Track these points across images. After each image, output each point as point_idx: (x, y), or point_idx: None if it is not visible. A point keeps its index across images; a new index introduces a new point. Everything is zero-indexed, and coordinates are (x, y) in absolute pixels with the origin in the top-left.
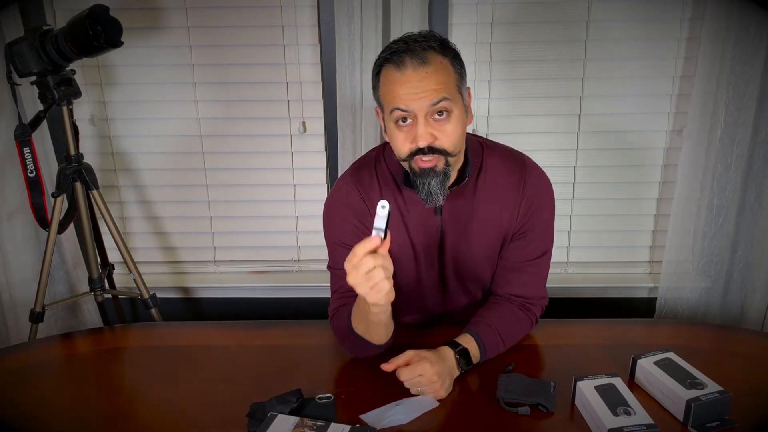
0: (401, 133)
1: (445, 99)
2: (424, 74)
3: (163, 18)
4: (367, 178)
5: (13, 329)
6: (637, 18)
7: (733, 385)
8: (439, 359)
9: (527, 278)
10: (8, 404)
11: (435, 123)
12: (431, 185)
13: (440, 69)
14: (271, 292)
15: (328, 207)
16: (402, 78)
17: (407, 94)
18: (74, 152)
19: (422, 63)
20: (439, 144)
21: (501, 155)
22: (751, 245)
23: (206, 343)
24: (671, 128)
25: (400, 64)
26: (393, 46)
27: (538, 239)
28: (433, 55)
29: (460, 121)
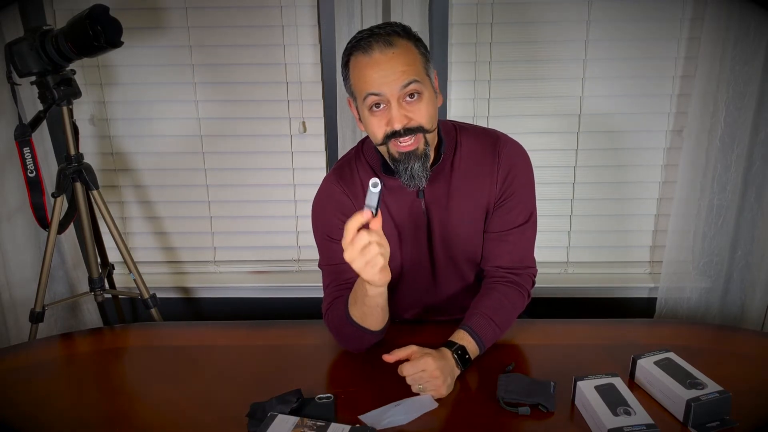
0: (375, 118)
1: (415, 81)
2: (391, 55)
3: (163, 18)
4: (348, 174)
5: (13, 329)
6: (637, 18)
7: (733, 385)
8: (440, 356)
9: (512, 246)
10: (8, 404)
11: (407, 105)
12: (414, 168)
13: (406, 51)
14: (271, 292)
15: (314, 206)
16: (370, 61)
17: (378, 77)
18: (74, 152)
19: (388, 45)
20: (414, 123)
21: (474, 132)
22: (751, 245)
23: (206, 343)
24: (671, 128)
25: (368, 48)
26: (358, 35)
27: (519, 205)
28: (397, 38)
29: (431, 101)
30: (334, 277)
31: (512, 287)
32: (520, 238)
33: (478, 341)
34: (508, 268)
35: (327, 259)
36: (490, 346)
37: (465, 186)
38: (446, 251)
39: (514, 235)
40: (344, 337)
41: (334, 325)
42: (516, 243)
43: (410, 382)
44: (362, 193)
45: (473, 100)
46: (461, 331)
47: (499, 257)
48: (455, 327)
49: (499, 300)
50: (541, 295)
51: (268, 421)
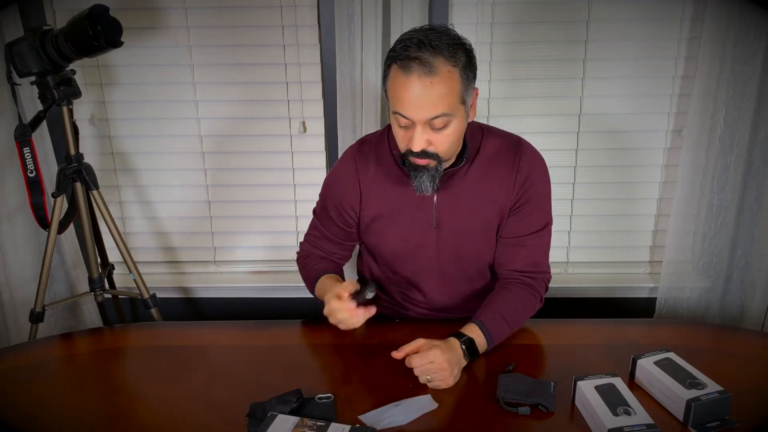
0: (401, 131)
1: (444, 115)
2: (429, 84)
3: (163, 18)
4: (366, 154)
5: (13, 329)
6: (637, 18)
7: (733, 385)
8: (448, 348)
9: (527, 252)
10: (8, 404)
11: (432, 131)
12: (422, 179)
13: (446, 80)
14: (271, 292)
15: (330, 173)
16: (407, 83)
17: (409, 103)
18: (74, 152)
19: (428, 73)
20: (432, 149)
21: (499, 136)
22: (751, 245)
23: (206, 343)
24: (671, 128)
25: (407, 69)
26: (407, 44)
27: (536, 212)
28: (442, 63)
29: (458, 127)
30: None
31: (526, 289)
32: (536, 244)
33: (487, 336)
34: (523, 272)
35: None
36: (498, 343)
37: (481, 187)
38: (454, 249)
39: (530, 240)
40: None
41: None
42: (532, 248)
43: (418, 373)
44: (372, 174)
45: None
46: (472, 325)
47: (515, 261)
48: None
49: (512, 299)
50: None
51: (268, 421)
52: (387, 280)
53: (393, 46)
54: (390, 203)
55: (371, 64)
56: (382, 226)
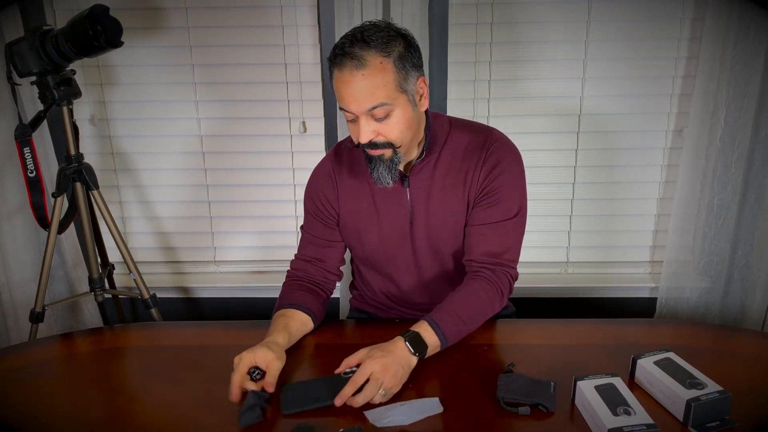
0: (350, 125)
1: (381, 105)
2: (360, 77)
3: (163, 18)
4: (341, 154)
5: (13, 329)
6: (637, 18)
7: (733, 385)
8: (384, 353)
9: (487, 241)
10: (8, 404)
11: (376, 121)
12: (379, 171)
13: (378, 71)
14: (271, 292)
15: (310, 176)
16: (342, 78)
17: (347, 97)
18: (74, 152)
19: (359, 66)
20: (381, 139)
21: (469, 129)
22: (751, 245)
23: (206, 343)
24: (671, 128)
25: (341, 65)
26: (342, 42)
27: (500, 203)
28: (373, 56)
29: (403, 117)
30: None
31: (486, 283)
32: (497, 234)
33: (438, 333)
34: (481, 263)
35: (304, 226)
36: (455, 341)
37: (449, 179)
38: (428, 241)
39: (489, 229)
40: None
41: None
42: (492, 238)
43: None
44: (347, 173)
45: (473, 100)
46: (423, 322)
47: (473, 251)
48: None
49: (469, 295)
50: (541, 295)
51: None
52: (371, 279)
53: (334, 45)
54: (365, 200)
55: None
56: (360, 224)
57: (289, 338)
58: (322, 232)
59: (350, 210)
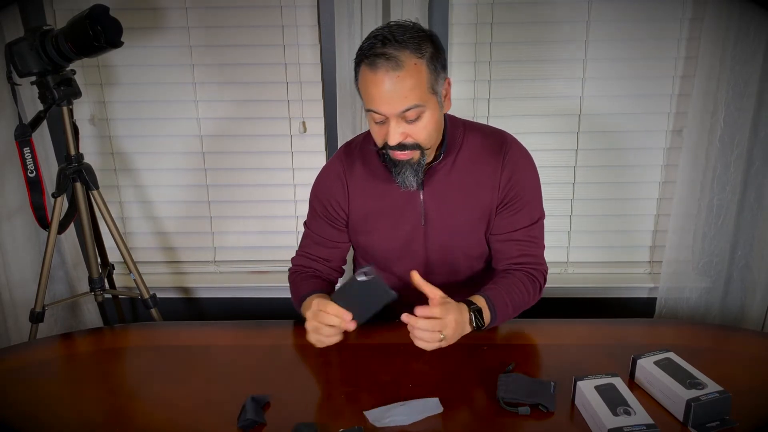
0: (376, 127)
1: (416, 106)
2: (396, 78)
3: (163, 18)
4: (353, 154)
5: (13, 329)
6: (637, 18)
7: (733, 385)
8: (458, 312)
9: (520, 246)
10: (8, 404)
11: (407, 123)
12: (405, 174)
13: (413, 73)
14: (271, 292)
15: (318, 175)
16: (375, 79)
17: (380, 98)
18: (74, 152)
19: (395, 67)
20: (410, 140)
21: (482, 132)
22: (751, 245)
23: (206, 343)
24: (671, 128)
25: (374, 65)
26: (372, 42)
27: (524, 208)
28: (408, 57)
29: (433, 118)
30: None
31: (527, 276)
32: (528, 237)
33: (492, 314)
34: (520, 263)
35: (309, 224)
36: (500, 322)
37: (465, 183)
38: (442, 244)
39: (520, 234)
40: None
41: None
42: (525, 242)
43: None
44: (359, 173)
45: (473, 100)
46: (481, 299)
47: (510, 256)
48: None
49: (515, 283)
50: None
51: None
52: None
53: (360, 46)
54: (378, 201)
55: None
56: (371, 225)
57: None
58: (330, 233)
59: (361, 211)
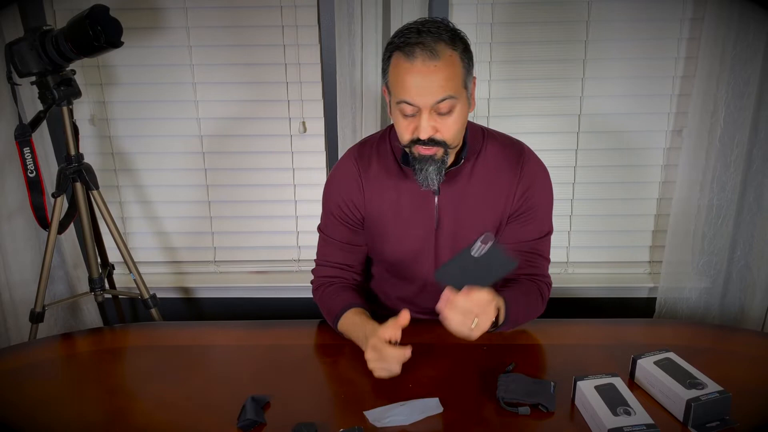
0: (405, 121)
1: (451, 97)
2: (433, 68)
3: (163, 18)
4: (367, 154)
5: (13, 329)
6: (637, 18)
7: (733, 385)
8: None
9: (529, 258)
10: (8, 404)
11: (438, 117)
12: (428, 171)
13: (449, 64)
14: (271, 292)
15: (330, 176)
16: (411, 69)
17: (415, 88)
18: (74, 152)
19: (432, 57)
20: (439, 136)
21: (501, 141)
22: (750, 245)
23: (206, 343)
24: (671, 128)
25: (411, 54)
26: (406, 33)
27: (535, 221)
28: (444, 47)
29: (462, 114)
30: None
31: (534, 287)
32: (535, 250)
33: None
34: (528, 275)
35: (324, 228)
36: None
37: (481, 192)
38: (452, 250)
39: (528, 246)
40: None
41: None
42: (531, 254)
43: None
44: (374, 174)
45: None
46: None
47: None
48: None
49: (528, 291)
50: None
51: None
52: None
53: (391, 38)
54: (392, 203)
55: (371, 64)
56: (384, 227)
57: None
58: (349, 236)
59: (376, 213)
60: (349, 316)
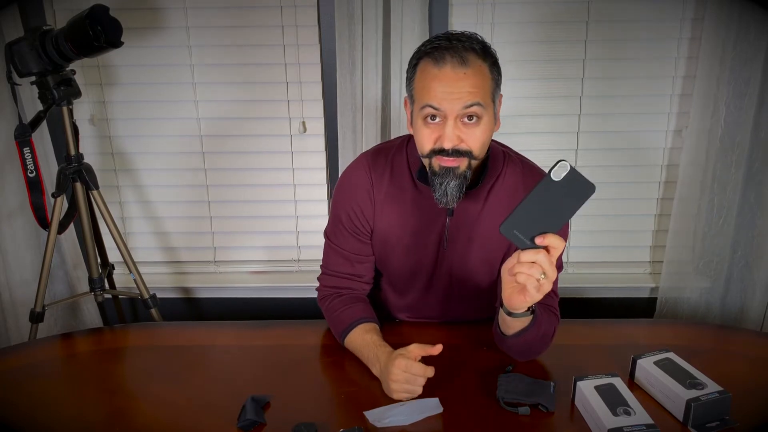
0: (427, 130)
1: (478, 104)
2: (462, 75)
3: (163, 18)
4: (382, 164)
5: (13, 329)
6: (637, 18)
7: (733, 385)
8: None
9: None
10: (8, 404)
11: (463, 126)
12: (449, 186)
13: (478, 73)
14: (271, 292)
15: (341, 182)
16: (439, 74)
17: (442, 92)
18: (74, 152)
19: (462, 63)
20: (464, 146)
21: (522, 167)
22: (751, 245)
23: (206, 343)
24: (672, 128)
25: (440, 60)
26: (435, 41)
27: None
28: (474, 57)
29: (488, 128)
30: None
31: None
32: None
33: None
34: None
35: (331, 234)
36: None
37: (494, 219)
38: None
39: None
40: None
41: (327, 317)
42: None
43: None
44: (386, 189)
45: None
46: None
47: None
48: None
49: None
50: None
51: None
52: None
53: (418, 48)
54: (401, 222)
55: (371, 64)
56: (390, 242)
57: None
58: (358, 247)
59: (384, 226)
60: (359, 333)
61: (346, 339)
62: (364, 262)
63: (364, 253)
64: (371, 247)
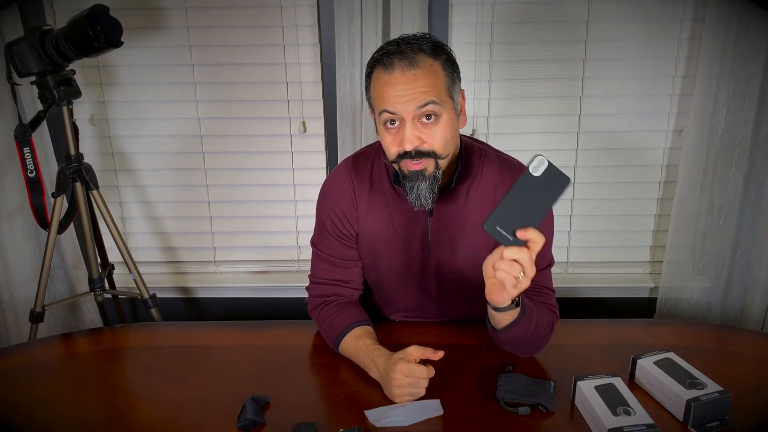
0: (389, 135)
1: (433, 102)
2: (412, 77)
3: (163, 18)
4: (363, 168)
5: (13, 329)
6: (637, 18)
7: (733, 385)
8: None
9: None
10: (8, 404)
11: (422, 126)
12: (420, 188)
13: (429, 72)
14: (271, 292)
15: (323, 189)
16: (390, 80)
17: (395, 97)
18: (74, 152)
19: (410, 65)
20: (426, 147)
21: (500, 164)
22: (751, 245)
23: (206, 343)
24: (672, 128)
25: (389, 65)
26: (385, 48)
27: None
28: (423, 57)
29: (449, 125)
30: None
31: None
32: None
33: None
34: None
35: (317, 242)
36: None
37: (476, 218)
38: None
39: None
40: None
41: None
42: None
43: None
44: (367, 193)
45: (473, 100)
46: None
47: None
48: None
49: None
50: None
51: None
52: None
53: (372, 56)
54: (384, 221)
55: None
56: (377, 245)
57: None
58: (343, 252)
59: (368, 230)
60: (350, 340)
61: (340, 347)
62: (351, 267)
63: (350, 258)
64: (358, 252)
